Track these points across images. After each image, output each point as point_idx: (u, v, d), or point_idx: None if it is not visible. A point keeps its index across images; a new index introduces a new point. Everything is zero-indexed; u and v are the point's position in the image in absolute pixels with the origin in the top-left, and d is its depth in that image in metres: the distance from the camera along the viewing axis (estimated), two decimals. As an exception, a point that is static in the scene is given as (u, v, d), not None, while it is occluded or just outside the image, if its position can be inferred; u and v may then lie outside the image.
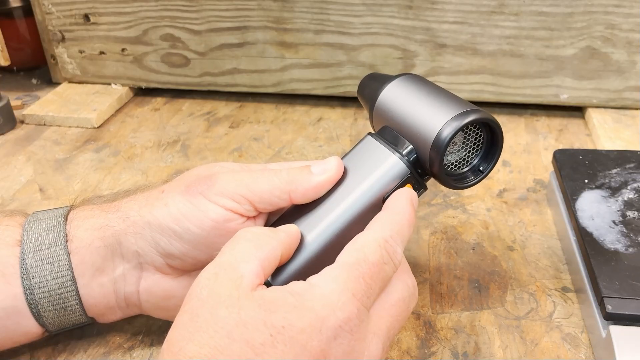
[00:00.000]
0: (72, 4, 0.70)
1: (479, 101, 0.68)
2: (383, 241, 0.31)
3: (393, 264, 0.31)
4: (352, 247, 0.31)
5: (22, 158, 0.63)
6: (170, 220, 0.34)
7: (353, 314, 0.28)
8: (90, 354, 0.39)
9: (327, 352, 0.27)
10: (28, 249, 0.34)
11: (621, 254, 0.40)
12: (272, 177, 0.34)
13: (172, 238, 0.35)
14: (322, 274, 0.30)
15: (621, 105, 0.66)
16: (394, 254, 0.31)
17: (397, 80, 0.39)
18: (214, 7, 0.67)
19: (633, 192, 0.46)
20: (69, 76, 0.76)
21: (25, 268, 0.34)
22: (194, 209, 0.34)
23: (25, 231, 0.35)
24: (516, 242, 0.49)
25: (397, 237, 0.32)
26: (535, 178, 0.57)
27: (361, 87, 0.43)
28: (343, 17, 0.65)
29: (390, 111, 0.38)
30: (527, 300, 0.43)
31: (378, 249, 0.30)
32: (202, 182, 0.35)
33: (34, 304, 0.34)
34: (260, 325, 0.27)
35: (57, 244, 0.35)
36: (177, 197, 0.35)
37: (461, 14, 0.63)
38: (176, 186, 0.36)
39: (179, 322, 0.28)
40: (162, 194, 0.36)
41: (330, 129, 0.67)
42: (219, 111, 0.71)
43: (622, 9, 0.60)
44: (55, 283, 0.34)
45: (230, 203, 0.34)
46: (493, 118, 0.36)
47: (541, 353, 0.39)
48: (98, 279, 0.35)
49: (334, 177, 0.35)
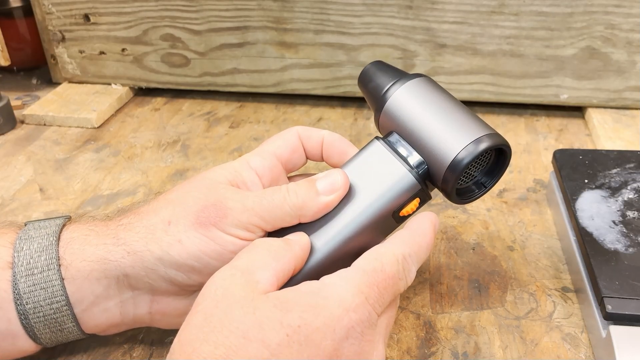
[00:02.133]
0: (72, 4, 0.70)
1: (479, 101, 0.68)
2: (402, 257, 0.31)
3: (406, 281, 0.32)
4: (370, 256, 0.31)
5: (22, 158, 0.63)
6: (187, 257, 0.33)
7: (365, 317, 0.28)
8: (90, 354, 0.39)
9: (339, 352, 0.27)
10: (20, 273, 0.33)
11: (621, 254, 0.40)
12: (282, 203, 0.34)
13: (191, 273, 0.34)
14: (336, 274, 0.30)
15: (621, 105, 0.66)
16: (409, 272, 0.32)
17: (411, 83, 0.38)
18: (214, 7, 0.67)
19: (633, 192, 0.46)
20: (69, 76, 0.76)
21: (18, 293, 0.33)
22: (212, 243, 0.33)
23: (16, 252, 0.34)
24: (516, 242, 0.49)
25: (415, 257, 0.32)
26: (535, 178, 0.57)
27: (366, 77, 0.41)
28: (343, 17, 0.65)
29: (402, 118, 0.37)
30: (527, 300, 0.43)
31: (396, 263, 0.31)
32: (211, 212, 0.34)
33: (29, 327, 0.34)
34: (277, 325, 0.27)
35: (49, 268, 0.33)
36: (190, 232, 0.33)
37: (461, 14, 0.63)
38: (181, 215, 0.34)
39: (191, 323, 0.28)
40: (170, 227, 0.34)
41: (330, 129, 0.67)
42: (219, 111, 0.71)
43: (622, 9, 0.60)
44: (50, 308, 0.33)
45: (245, 233, 0.33)
46: (507, 143, 0.36)
47: (541, 353, 0.39)
48: (101, 304, 0.35)
49: (342, 196, 0.34)
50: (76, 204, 0.55)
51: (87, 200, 0.55)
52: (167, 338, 0.40)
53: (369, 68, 0.41)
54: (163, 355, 0.39)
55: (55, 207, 0.54)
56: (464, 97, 0.68)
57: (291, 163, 0.39)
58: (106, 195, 0.56)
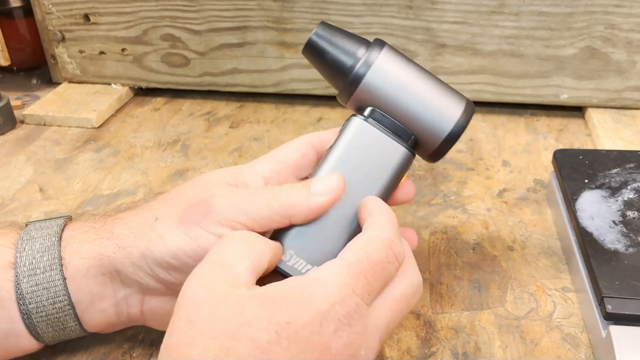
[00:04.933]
0: (72, 4, 0.70)
1: (479, 101, 0.68)
2: (388, 240, 0.31)
3: (397, 262, 0.31)
4: (355, 246, 0.31)
5: (22, 158, 0.63)
6: (167, 254, 0.33)
7: (352, 309, 0.28)
8: (90, 354, 0.39)
9: (328, 345, 0.27)
10: (22, 273, 0.34)
11: (621, 254, 0.40)
12: (271, 201, 0.33)
13: (170, 270, 0.33)
14: (322, 268, 0.30)
15: (621, 105, 0.66)
16: (400, 253, 0.31)
17: (382, 54, 0.36)
18: (214, 7, 0.67)
19: (633, 192, 0.46)
20: (69, 76, 0.76)
21: (21, 293, 0.33)
22: (191, 242, 0.33)
23: (18, 252, 0.34)
24: (516, 242, 0.49)
25: (399, 236, 0.32)
26: (535, 178, 0.57)
27: (320, 44, 0.37)
28: (343, 17, 0.65)
29: (384, 92, 0.36)
30: (527, 300, 0.43)
31: (383, 248, 0.31)
32: (196, 209, 0.33)
33: (32, 327, 0.34)
34: (265, 323, 0.27)
35: (51, 268, 0.34)
36: (172, 229, 0.33)
37: (461, 14, 0.63)
38: (169, 212, 0.34)
39: (176, 327, 0.27)
40: (156, 223, 0.34)
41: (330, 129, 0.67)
42: (219, 111, 0.71)
43: (622, 9, 0.60)
44: (53, 308, 0.34)
45: (228, 231, 0.32)
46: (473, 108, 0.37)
47: (541, 353, 0.39)
48: (98, 304, 0.35)
49: (337, 198, 0.33)
50: (76, 204, 0.55)
51: (87, 200, 0.55)
52: (167, 338, 0.40)
53: (319, 33, 0.37)
54: (163, 355, 0.39)
55: (55, 207, 0.54)
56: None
57: (301, 168, 0.38)
58: (106, 195, 0.56)
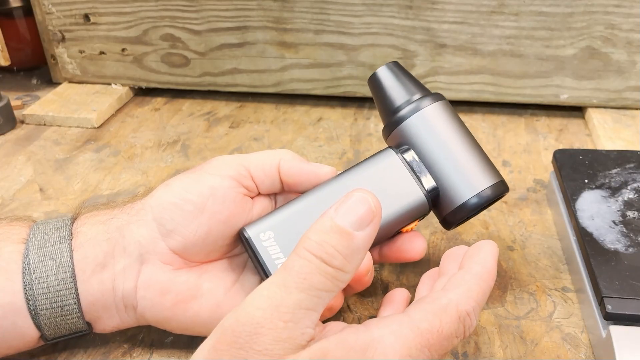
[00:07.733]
0: (72, 4, 0.70)
1: (479, 101, 0.68)
2: (465, 314, 0.29)
3: (463, 336, 0.30)
4: (430, 308, 0.29)
5: (22, 158, 0.63)
6: (171, 195, 0.36)
7: None
8: (90, 354, 0.39)
9: None
10: (33, 246, 0.35)
11: (621, 254, 0.40)
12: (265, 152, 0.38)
13: (173, 212, 0.36)
14: (387, 325, 0.28)
15: (621, 105, 0.66)
16: (469, 328, 0.30)
17: (433, 106, 0.38)
18: (214, 7, 0.67)
19: (633, 192, 0.46)
20: (69, 76, 0.76)
21: (28, 263, 0.35)
22: (194, 182, 0.37)
23: (32, 230, 0.36)
24: (516, 242, 0.49)
25: (479, 309, 0.30)
26: (535, 178, 0.57)
27: (380, 82, 0.40)
28: (343, 17, 0.65)
29: (421, 139, 0.37)
30: (527, 300, 0.43)
31: (457, 321, 0.29)
32: (203, 164, 0.39)
33: (32, 299, 0.34)
34: None
35: (61, 242, 0.35)
36: (179, 177, 0.38)
37: (461, 14, 0.63)
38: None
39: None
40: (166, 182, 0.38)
41: (330, 129, 0.67)
42: (219, 111, 0.71)
43: (622, 9, 0.60)
44: (55, 279, 0.35)
45: (228, 171, 0.37)
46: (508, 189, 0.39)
47: (541, 353, 0.39)
48: (98, 275, 0.36)
49: (330, 172, 0.37)
50: (76, 204, 0.54)
51: (87, 200, 0.55)
52: (167, 338, 0.40)
53: (384, 72, 0.40)
54: (163, 355, 0.39)
55: (55, 207, 0.54)
56: (464, 97, 0.68)
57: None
58: (106, 195, 0.56)
